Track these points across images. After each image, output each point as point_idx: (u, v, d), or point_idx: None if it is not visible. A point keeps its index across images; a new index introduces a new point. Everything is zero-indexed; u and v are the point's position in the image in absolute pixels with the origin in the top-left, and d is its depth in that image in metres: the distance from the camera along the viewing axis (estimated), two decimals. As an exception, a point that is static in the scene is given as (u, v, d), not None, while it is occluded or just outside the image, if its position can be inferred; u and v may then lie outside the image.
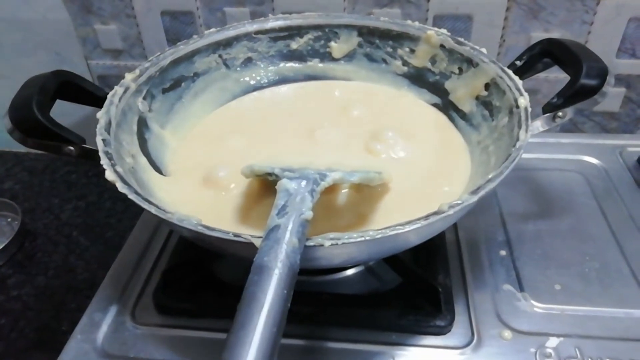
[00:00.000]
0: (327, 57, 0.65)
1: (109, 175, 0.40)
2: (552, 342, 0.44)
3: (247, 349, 0.25)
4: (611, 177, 0.63)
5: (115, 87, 0.50)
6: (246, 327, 0.25)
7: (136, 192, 0.38)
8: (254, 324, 0.26)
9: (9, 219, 0.75)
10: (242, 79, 0.63)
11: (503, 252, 0.53)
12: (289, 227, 0.32)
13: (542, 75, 0.73)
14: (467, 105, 0.55)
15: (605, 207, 0.59)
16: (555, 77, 0.73)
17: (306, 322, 0.46)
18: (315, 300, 0.47)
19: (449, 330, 0.45)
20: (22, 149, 0.91)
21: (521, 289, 0.49)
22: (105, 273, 0.54)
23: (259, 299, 0.27)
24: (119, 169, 0.41)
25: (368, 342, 0.45)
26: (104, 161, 0.41)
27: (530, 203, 0.60)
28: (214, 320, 0.47)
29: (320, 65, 0.65)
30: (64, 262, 0.69)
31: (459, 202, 0.37)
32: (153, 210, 0.37)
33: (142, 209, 0.37)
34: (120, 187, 0.39)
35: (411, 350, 0.44)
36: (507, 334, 0.45)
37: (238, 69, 0.63)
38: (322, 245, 0.34)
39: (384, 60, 0.63)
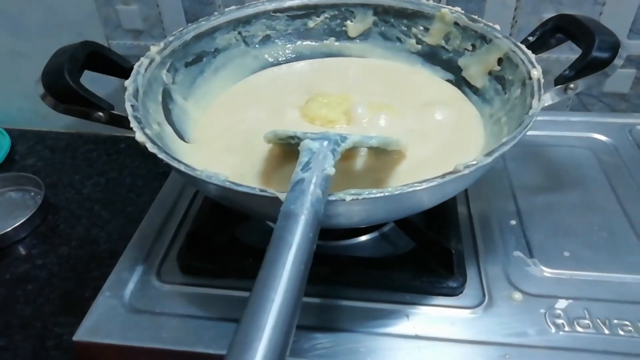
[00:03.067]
0: (343, 35, 0.66)
1: (139, 136, 0.42)
2: (561, 303, 0.46)
3: (277, 283, 0.26)
4: (620, 153, 0.64)
5: (141, 59, 0.52)
6: (275, 264, 0.27)
7: (165, 152, 0.40)
8: (283, 260, 0.27)
9: (32, 193, 0.77)
10: (260, 56, 0.65)
11: (513, 222, 0.55)
12: (313, 180, 0.34)
13: (553, 55, 0.74)
14: (480, 80, 0.57)
15: (614, 181, 0.60)
16: (567, 58, 0.74)
17: (323, 282, 0.48)
18: (332, 262, 0.49)
19: (461, 292, 0.47)
20: (44, 127, 0.94)
21: (531, 255, 0.51)
22: (126, 244, 0.56)
23: (287, 240, 0.29)
24: (148, 131, 0.43)
25: (383, 301, 0.47)
26: (133, 124, 0.43)
27: (540, 177, 0.61)
28: (235, 280, 0.49)
29: (337, 43, 0.66)
30: (86, 234, 0.71)
31: (474, 162, 0.38)
32: (182, 167, 0.39)
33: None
34: (150, 147, 0.41)
35: (424, 309, 0.46)
36: (517, 295, 0.47)
37: (257, 46, 0.64)
38: (343, 200, 0.36)
39: (399, 39, 0.64)
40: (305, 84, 0.61)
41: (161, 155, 0.40)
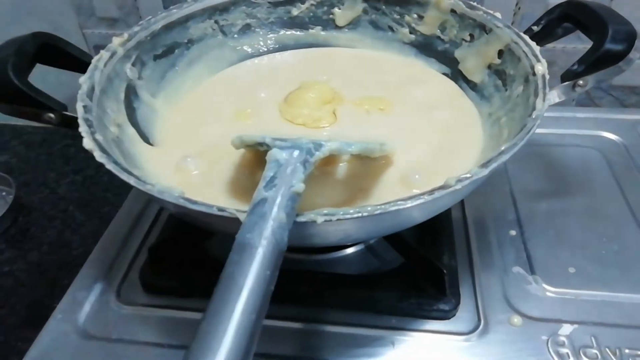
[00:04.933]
0: (330, 24, 0.61)
1: (87, 143, 0.37)
2: (566, 329, 0.41)
3: (220, 339, 0.22)
4: (631, 153, 0.60)
5: (101, 52, 0.47)
6: (220, 315, 0.22)
7: (115, 162, 0.36)
8: (229, 310, 0.23)
9: (3, 193, 0.73)
10: (239, 47, 0.60)
11: (513, 232, 0.50)
12: (277, 201, 0.29)
13: (559, 45, 0.69)
14: (478, 75, 0.52)
15: (624, 185, 0.55)
16: (574, 48, 0.69)
17: (301, 304, 0.44)
18: (312, 280, 0.45)
19: (454, 315, 0.43)
20: (19, 122, 0.89)
21: (532, 271, 0.46)
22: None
23: (237, 282, 0.24)
24: (98, 137, 0.38)
25: (366, 326, 0.42)
26: (82, 128, 0.38)
27: (543, 180, 0.57)
28: (204, 300, 0.44)
29: (323, 33, 0.62)
30: (59, 237, 0.66)
31: (468, 175, 0.33)
32: (132, 181, 0.34)
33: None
34: (98, 157, 0.36)
35: (412, 336, 0.42)
36: (517, 319, 0.42)
37: (235, 36, 0.60)
38: (314, 222, 0.31)
39: (391, 28, 0.59)
40: (288, 77, 0.56)
41: (109, 166, 0.35)
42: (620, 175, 0.56)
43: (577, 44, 0.67)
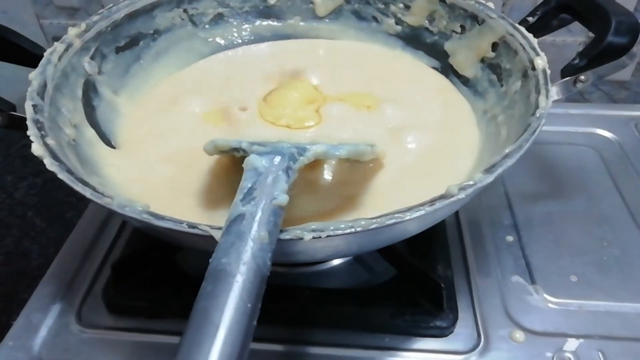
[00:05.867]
0: (309, 14, 0.58)
1: (36, 149, 0.33)
2: (571, 344, 0.38)
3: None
4: (626, 151, 0.58)
5: (55, 44, 0.43)
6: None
7: (68, 171, 0.31)
8: (202, 356, 0.19)
9: (-45, 199, 0.67)
10: (211, 39, 0.56)
11: (510, 238, 0.47)
12: (257, 217, 0.25)
13: (548, 38, 0.66)
14: (471, 69, 0.49)
15: (621, 185, 0.53)
16: (563, 41, 0.66)
17: (284, 323, 0.40)
18: (296, 296, 0.41)
19: (452, 332, 0.40)
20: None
21: (532, 280, 0.44)
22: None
23: (211, 319, 0.20)
24: (50, 141, 0.34)
25: (356, 347, 0.39)
26: (31, 131, 0.34)
27: (538, 181, 0.54)
28: (175, 321, 0.40)
29: (302, 24, 0.58)
30: (17, 246, 0.62)
31: (471, 183, 0.30)
32: (88, 193, 0.30)
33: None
34: (49, 164, 0.32)
35: (407, 356, 0.39)
36: (519, 335, 0.39)
37: (207, 26, 0.56)
38: (301, 239, 0.27)
39: (375, 19, 0.56)
40: (266, 71, 0.53)
41: (62, 175, 0.31)
42: (616, 174, 0.54)
43: (566, 37, 0.65)
